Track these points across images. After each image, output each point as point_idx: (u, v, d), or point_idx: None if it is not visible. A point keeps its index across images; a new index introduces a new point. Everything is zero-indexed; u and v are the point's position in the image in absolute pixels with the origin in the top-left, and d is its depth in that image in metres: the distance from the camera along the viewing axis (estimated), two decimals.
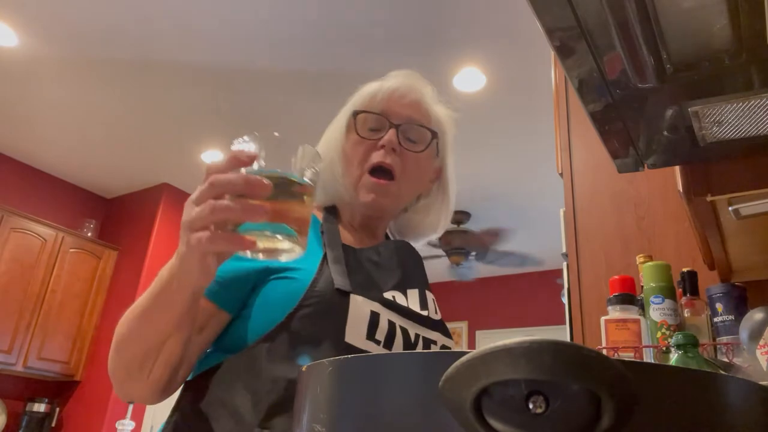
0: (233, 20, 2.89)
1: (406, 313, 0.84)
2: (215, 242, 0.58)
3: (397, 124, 0.93)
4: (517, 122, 3.65)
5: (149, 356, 0.70)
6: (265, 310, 0.77)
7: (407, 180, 0.94)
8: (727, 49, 0.74)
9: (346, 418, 0.38)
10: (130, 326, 0.70)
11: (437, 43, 3.00)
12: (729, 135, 0.94)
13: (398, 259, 0.92)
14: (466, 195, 4.72)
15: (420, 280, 0.94)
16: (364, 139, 0.93)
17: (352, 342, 0.75)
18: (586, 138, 1.84)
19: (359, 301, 0.78)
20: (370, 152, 0.92)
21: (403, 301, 0.86)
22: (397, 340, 0.80)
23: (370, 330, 0.77)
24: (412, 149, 0.94)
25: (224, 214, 0.57)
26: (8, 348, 4.00)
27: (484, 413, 0.31)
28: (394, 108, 0.94)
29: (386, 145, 0.91)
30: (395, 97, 0.95)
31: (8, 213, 4.12)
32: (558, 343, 0.30)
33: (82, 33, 3.08)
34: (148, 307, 0.68)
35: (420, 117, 0.96)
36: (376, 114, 0.94)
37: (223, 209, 0.57)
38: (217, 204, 0.57)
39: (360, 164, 0.92)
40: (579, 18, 0.71)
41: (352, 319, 0.76)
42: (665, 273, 1.16)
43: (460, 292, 6.30)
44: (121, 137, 4.09)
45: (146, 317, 0.68)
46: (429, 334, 0.86)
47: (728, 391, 0.36)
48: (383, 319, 0.80)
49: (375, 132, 0.94)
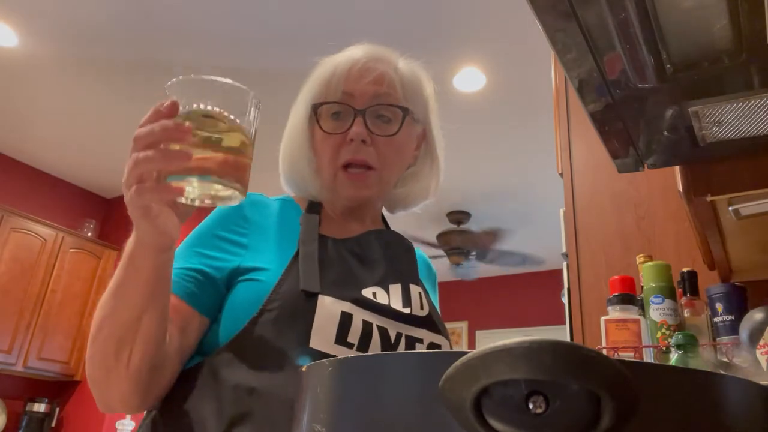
0: (234, 20, 2.89)
1: (385, 312, 0.78)
2: (142, 195, 0.57)
3: (362, 109, 0.84)
4: (517, 122, 3.65)
5: (126, 339, 0.66)
6: (232, 314, 0.74)
7: (388, 165, 0.87)
8: (727, 49, 0.74)
9: (346, 418, 0.38)
10: (103, 309, 0.68)
11: (437, 43, 3.00)
12: (729, 135, 0.94)
13: (383, 251, 0.86)
14: (466, 195, 4.72)
15: (406, 272, 0.87)
16: (329, 135, 0.85)
17: (319, 347, 0.70)
18: (586, 138, 1.84)
19: (328, 303, 0.73)
20: (340, 148, 0.85)
21: (385, 299, 0.80)
22: (374, 341, 0.75)
23: (341, 333, 0.72)
24: (385, 133, 0.85)
25: (145, 166, 0.56)
26: (8, 348, 3.99)
27: (484, 413, 0.31)
28: (355, 89, 0.85)
29: (355, 139, 0.83)
30: (353, 77, 0.85)
31: (8, 213, 4.12)
32: (558, 343, 0.30)
33: (82, 33, 3.07)
34: (117, 283, 0.66)
35: (386, 91, 0.86)
36: (336, 102, 0.85)
37: (142, 160, 0.56)
38: (138, 156, 0.56)
39: (331, 162, 0.85)
40: (579, 18, 0.71)
41: (318, 323, 0.71)
42: (665, 273, 1.16)
43: (460, 292, 6.30)
44: (121, 137, 4.09)
45: (117, 294, 0.66)
46: (413, 332, 0.80)
47: (728, 391, 0.36)
48: (356, 320, 0.74)
49: (340, 120, 0.85)
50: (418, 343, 0.79)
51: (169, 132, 0.56)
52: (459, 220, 5.06)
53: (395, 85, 0.87)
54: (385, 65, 0.88)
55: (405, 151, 0.91)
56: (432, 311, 0.86)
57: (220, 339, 0.73)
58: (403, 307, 0.81)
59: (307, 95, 0.89)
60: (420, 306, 0.83)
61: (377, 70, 0.86)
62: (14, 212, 4.16)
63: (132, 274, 0.64)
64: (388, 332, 0.77)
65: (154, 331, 0.67)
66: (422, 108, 0.93)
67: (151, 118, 0.57)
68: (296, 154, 0.90)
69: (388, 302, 0.80)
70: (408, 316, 0.80)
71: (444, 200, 4.83)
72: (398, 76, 0.88)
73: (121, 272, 0.66)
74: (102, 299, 0.68)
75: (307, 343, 0.70)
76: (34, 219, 4.27)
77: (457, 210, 4.98)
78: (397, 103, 0.87)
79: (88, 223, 4.75)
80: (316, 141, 0.87)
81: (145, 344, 0.67)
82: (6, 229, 4.08)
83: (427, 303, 0.86)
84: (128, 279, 0.65)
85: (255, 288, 0.74)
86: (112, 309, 0.66)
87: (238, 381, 0.69)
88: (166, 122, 0.56)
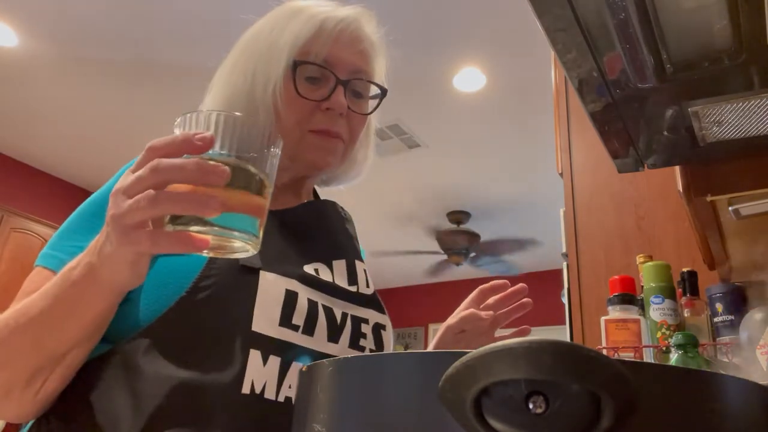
0: (234, 20, 2.89)
1: (330, 290, 0.71)
2: (159, 243, 0.46)
3: (346, 80, 0.77)
4: (517, 122, 3.65)
5: (42, 371, 0.56)
6: (153, 293, 0.62)
7: (354, 141, 0.82)
8: (727, 49, 0.74)
9: (346, 418, 0.38)
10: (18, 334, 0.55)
11: (437, 43, 3.00)
12: (729, 135, 0.94)
13: (323, 222, 0.79)
14: (466, 195, 4.72)
15: (348, 248, 0.80)
16: (302, 98, 0.76)
17: (262, 331, 0.62)
18: (586, 138, 1.84)
19: (270, 279, 0.65)
20: (312, 113, 0.76)
21: (328, 275, 0.73)
22: (320, 323, 0.67)
23: (286, 313, 0.65)
24: (360, 110, 0.80)
25: (167, 208, 0.45)
26: None
27: (484, 413, 0.31)
28: (341, 56, 0.77)
29: (334, 109, 0.76)
30: (343, 43, 0.78)
31: (8, 213, 4.12)
32: (558, 343, 0.30)
33: (82, 33, 3.07)
34: (48, 312, 0.54)
35: (367, 67, 0.81)
36: (319, 66, 0.76)
37: (166, 201, 0.45)
38: (159, 195, 0.45)
39: (298, 125, 0.76)
40: (579, 18, 0.71)
41: (261, 303, 0.63)
42: (665, 273, 1.16)
43: (460, 292, 6.29)
44: (121, 137, 4.09)
45: (46, 324, 0.54)
46: (359, 311, 0.74)
47: (728, 391, 0.36)
48: (302, 299, 0.67)
49: (315, 85, 0.77)
50: (364, 324, 0.74)
51: (206, 175, 0.45)
52: (459, 220, 5.06)
53: (372, 62, 0.82)
54: (371, 36, 0.82)
55: (367, 130, 0.87)
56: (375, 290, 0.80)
57: (139, 322, 0.61)
58: (349, 285, 0.75)
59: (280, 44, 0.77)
60: (366, 284, 0.77)
61: (366, 41, 0.80)
62: (14, 212, 4.16)
63: (75, 309, 0.54)
64: (333, 312, 0.70)
65: (78, 364, 0.58)
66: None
67: (180, 147, 0.47)
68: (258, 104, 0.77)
69: (332, 279, 0.73)
70: (354, 294, 0.74)
71: (444, 200, 4.83)
72: (374, 48, 0.83)
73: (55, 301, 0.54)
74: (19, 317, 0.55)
75: (249, 326, 0.62)
76: (34, 219, 4.27)
77: (457, 210, 4.99)
78: (380, 83, 0.83)
79: None
80: (283, 101, 0.76)
81: (63, 375, 0.58)
82: (6, 229, 4.08)
83: (371, 281, 0.80)
84: (68, 312, 0.54)
85: (182, 262, 0.63)
86: (35, 337, 0.55)
87: (160, 370, 0.58)
88: (202, 162, 0.45)
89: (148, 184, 0.46)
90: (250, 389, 0.60)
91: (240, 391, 0.59)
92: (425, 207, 4.92)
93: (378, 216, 4.91)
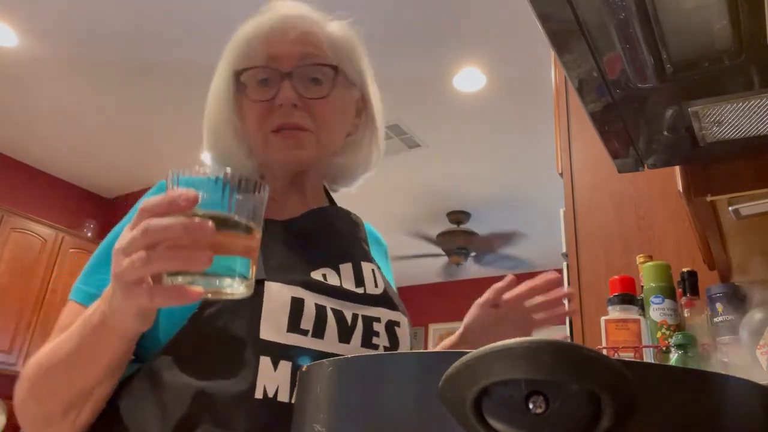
0: (234, 20, 2.89)
1: (338, 294, 0.74)
2: (155, 298, 0.51)
3: (288, 71, 0.77)
4: (517, 122, 3.65)
5: (75, 404, 0.63)
6: (170, 314, 0.67)
7: (326, 128, 0.80)
8: (727, 49, 0.74)
9: (346, 418, 0.38)
10: (51, 373, 0.62)
11: (437, 43, 3.00)
12: (729, 135, 0.94)
13: (329, 229, 0.81)
14: (466, 195, 4.72)
15: (355, 250, 0.82)
16: (256, 102, 0.78)
17: (270, 338, 0.66)
18: (586, 138, 1.84)
19: (275, 289, 0.68)
20: (268, 114, 0.78)
21: (336, 280, 0.75)
22: (329, 325, 0.70)
23: (294, 319, 0.68)
24: (317, 95, 0.78)
25: (160, 266, 0.50)
26: (8, 348, 3.99)
27: (484, 413, 0.31)
28: (279, 49, 0.78)
29: (284, 104, 0.76)
30: (276, 37, 0.79)
31: (8, 213, 4.12)
32: (558, 343, 0.30)
33: (82, 33, 3.07)
34: (74, 354, 0.60)
35: (314, 50, 0.79)
36: (260, 67, 0.78)
37: (158, 260, 0.49)
38: (151, 255, 0.49)
39: (259, 128, 0.78)
40: (579, 18, 0.71)
41: (267, 312, 0.66)
42: (665, 273, 1.16)
43: (460, 292, 6.30)
44: (121, 137, 4.09)
45: (72, 365, 0.61)
46: (370, 311, 0.76)
47: (728, 391, 0.36)
48: (309, 304, 0.70)
49: (266, 86, 0.78)
50: (375, 323, 0.75)
51: (191, 233, 0.49)
52: (459, 220, 5.06)
53: (322, 43, 0.80)
54: (309, 23, 0.81)
55: (342, 114, 0.84)
56: (387, 288, 0.81)
57: (160, 341, 0.68)
58: (356, 287, 0.77)
59: (228, 61, 0.81)
60: (374, 284, 0.79)
61: (301, 27, 0.79)
62: (14, 212, 4.16)
63: (95, 351, 0.60)
64: (343, 314, 0.72)
65: (107, 395, 0.64)
66: (357, 71, 0.86)
67: (166, 208, 0.50)
68: (221, 128, 0.82)
69: (340, 283, 0.75)
70: (362, 295, 0.76)
71: (444, 200, 4.83)
72: (326, 35, 0.81)
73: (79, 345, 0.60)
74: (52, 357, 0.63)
75: (257, 335, 0.65)
76: (34, 219, 4.27)
77: (457, 210, 4.98)
78: (326, 62, 0.80)
79: (88, 223, 4.75)
80: (243, 111, 0.80)
81: (94, 406, 0.64)
82: (6, 229, 4.08)
83: (381, 280, 0.81)
84: (88, 354, 0.60)
85: None
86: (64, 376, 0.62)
87: (182, 383, 0.64)
88: (187, 221, 0.49)
89: (140, 245, 0.50)
90: (263, 394, 0.64)
91: (254, 396, 0.63)
92: (425, 207, 4.92)
93: (378, 216, 4.91)
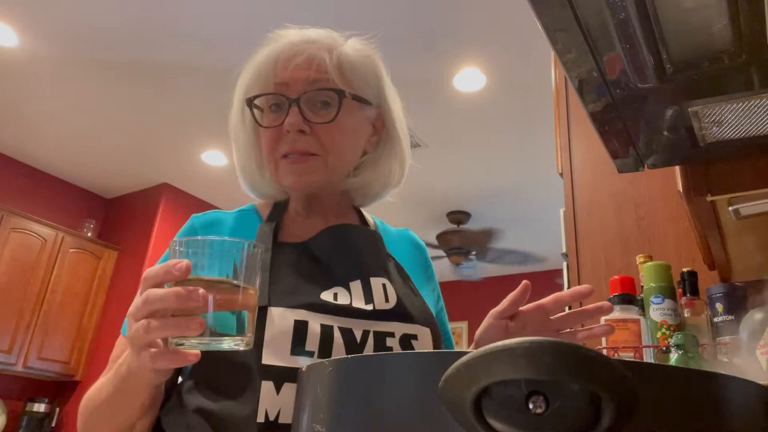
0: (234, 20, 2.89)
1: (346, 312, 0.75)
2: (158, 362, 0.57)
3: (296, 98, 0.80)
4: (517, 122, 3.65)
5: None
6: None
7: (335, 152, 0.82)
8: (727, 49, 0.74)
9: (346, 418, 0.38)
10: (96, 412, 0.71)
11: (437, 43, 3.00)
12: (729, 135, 0.94)
13: (342, 246, 0.82)
14: (466, 195, 4.72)
15: (367, 265, 0.82)
16: (267, 128, 0.82)
17: (273, 362, 0.69)
18: (586, 138, 1.84)
19: (278, 314, 0.71)
20: (278, 140, 0.81)
21: (346, 298, 0.76)
22: (336, 344, 0.72)
23: (297, 342, 0.70)
24: (324, 119, 0.80)
25: (159, 334, 0.56)
26: (8, 348, 3.99)
27: (484, 413, 0.31)
28: (286, 76, 0.81)
29: (290, 131, 0.79)
30: (282, 64, 0.81)
31: (8, 213, 4.12)
32: (558, 343, 0.30)
33: (82, 33, 3.07)
34: (112, 396, 0.68)
35: (320, 75, 0.81)
36: (270, 94, 0.82)
37: (156, 329, 0.56)
38: (150, 325, 0.56)
39: (270, 154, 0.83)
40: (579, 18, 0.71)
41: (269, 337, 0.69)
42: (665, 273, 1.16)
43: (460, 292, 6.30)
44: (121, 137, 4.09)
45: (112, 406, 0.68)
46: (382, 326, 0.76)
47: (728, 391, 0.36)
48: (313, 326, 0.72)
49: (278, 112, 0.82)
50: (389, 337, 0.76)
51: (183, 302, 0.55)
52: (459, 220, 5.06)
53: (326, 67, 0.81)
54: (316, 48, 0.82)
55: (352, 136, 0.85)
56: (403, 299, 0.81)
57: (186, 368, 0.75)
58: (365, 304, 0.77)
59: (241, 88, 0.86)
60: (384, 298, 0.79)
61: (305, 53, 0.81)
62: (14, 212, 4.16)
63: (127, 397, 0.67)
64: (353, 332, 0.74)
65: (149, 424, 0.72)
66: (373, 90, 0.87)
67: (164, 278, 0.57)
68: (242, 153, 0.88)
69: (350, 301, 0.76)
70: (372, 312, 0.77)
71: (444, 200, 4.83)
72: (333, 58, 0.82)
73: (115, 391, 0.67)
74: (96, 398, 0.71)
75: (260, 360, 0.69)
76: (34, 219, 4.27)
77: (457, 210, 4.98)
78: (332, 86, 0.81)
79: (88, 223, 4.75)
80: (259, 137, 0.85)
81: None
82: (6, 229, 4.08)
83: (394, 292, 0.81)
84: (123, 398, 0.67)
85: None
86: (107, 414, 0.70)
87: (199, 405, 0.70)
88: (179, 291, 0.55)
89: (143, 314, 0.56)
90: (264, 417, 0.67)
91: (256, 420, 0.67)
92: (425, 207, 4.92)
93: (377, 216, 4.89)
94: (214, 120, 3.75)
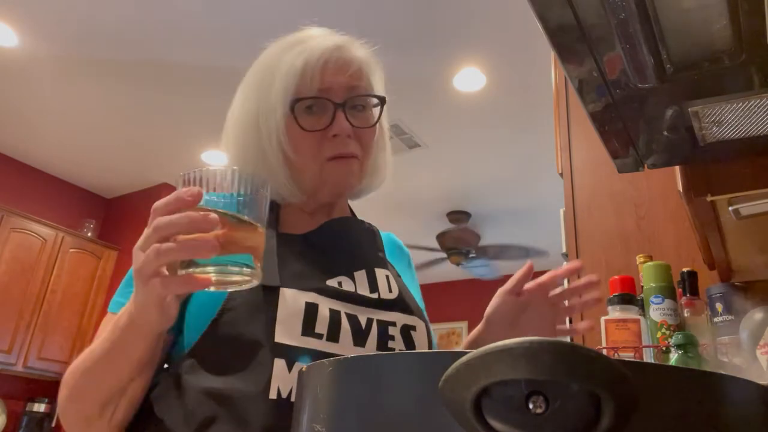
0: (234, 20, 2.89)
1: (352, 299, 0.77)
2: (168, 287, 0.57)
3: (342, 103, 0.82)
4: (517, 122, 3.65)
5: (111, 401, 0.68)
6: (193, 321, 0.73)
7: (370, 155, 0.86)
8: (727, 49, 0.74)
9: (346, 418, 0.38)
10: (87, 374, 0.68)
11: (437, 43, 3.00)
12: (729, 135, 0.94)
13: (344, 238, 0.85)
14: (466, 195, 4.72)
15: (370, 257, 0.84)
16: (309, 132, 0.81)
17: (285, 341, 0.69)
18: (586, 138, 1.84)
19: (290, 295, 0.72)
20: (322, 143, 0.81)
21: (351, 286, 0.78)
22: (344, 329, 0.73)
23: (308, 324, 0.71)
24: (365, 124, 0.84)
25: (170, 256, 0.55)
26: (8, 348, 3.99)
27: (484, 413, 0.31)
28: (332, 80, 0.82)
29: (340, 135, 0.81)
30: (331, 71, 0.82)
31: (8, 213, 4.12)
32: (558, 343, 0.30)
33: (82, 33, 3.07)
34: (106, 353, 0.66)
35: (362, 82, 0.85)
36: (314, 98, 0.81)
37: (167, 252, 0.55)
38: (161, 247, 0.55)
39: (314, 158, 0.82)
40: (579, 18, 0.71)
41: (282, 316, 0.70)
42: (665, 273, 1.16)
43: (460, 292, 6.30)
44: (121, 137, 4.09)
45: (106, 364, 0.66)
46: (384, 315, 0.78)
47: (728, 391, 0.36)
48: (323, 309, 0.73)
49: (315, 115, 0.82)
50: (390, 327, 0.78)
51: (196, 225, 0.55)
52: (459, 220, 5.06)
53: (367, 74, 0.86)
54: (355, 54, 0.85)
55: (380, 140, 0.90)
56: (403, 292, 0.84)
57: (184, 348, 0.73)
58: (371, 293, 0.79)
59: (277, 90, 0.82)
60: (388, 289, 0.81)
61: (354, 62, 0.84)
62: (14, 212, 4.16)
63: (125, 350, 0.65)
64: (358, 319, 0.75)
65: (140, 393, 0.70)
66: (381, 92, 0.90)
67: (175, 204, 0.56)
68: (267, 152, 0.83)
69: (355, 289, 0.78)
70: (376, 300, 0.79)
71: (444, 200, 4.83)
72: (365, 63, 0.86)
73: (111, 345, 0.65)
74: (84, 363, 0.68)
75: (272, 338, 0.69)
76: (34, 219, 4.27)
77: (457, 210, 4.98)
78: (370, 91, 0.86)
79: (88, 223, 4.75)
80: (292, 138, 0.82)
81: (129, 403, 0.69)
82: (6, 229, 4.08)
83: (396, 285, 0.83)
84: (120, 353, 0.65)
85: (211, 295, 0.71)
86: (100, 375, 0.67)
87: (202, 385, 0.69)
88: (192, 214, 0.55)
89: (153, 241, 0.56)
90: (276, 394, 0.67)
91: (268, 397, 0.67)
92: (425, 207, 4.92)
93: (377, 216, 4.88)
94: (214, 120, 3.75)
